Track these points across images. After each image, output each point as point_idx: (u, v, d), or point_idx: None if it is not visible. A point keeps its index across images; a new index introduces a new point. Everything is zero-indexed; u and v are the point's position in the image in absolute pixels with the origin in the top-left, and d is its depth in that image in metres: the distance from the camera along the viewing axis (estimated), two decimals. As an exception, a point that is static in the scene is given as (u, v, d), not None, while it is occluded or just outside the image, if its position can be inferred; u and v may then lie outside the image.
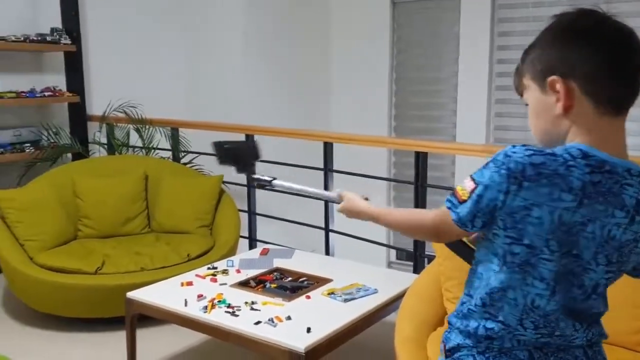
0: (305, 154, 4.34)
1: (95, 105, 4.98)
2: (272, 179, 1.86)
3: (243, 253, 3.49)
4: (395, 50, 5.75)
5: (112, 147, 4.84)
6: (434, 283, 2.65)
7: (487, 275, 1.19)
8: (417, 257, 3.57)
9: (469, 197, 1.14)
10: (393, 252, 5.74)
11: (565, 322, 1.16)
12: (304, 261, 3.27)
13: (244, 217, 4.40)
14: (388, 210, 1.47)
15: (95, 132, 4.88)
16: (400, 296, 2.72)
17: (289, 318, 2.51)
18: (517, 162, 1.07)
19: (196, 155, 4.82)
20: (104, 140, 4.90)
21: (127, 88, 5.00)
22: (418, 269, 3.51)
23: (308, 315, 2.55)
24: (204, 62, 5.47)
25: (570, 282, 1.14)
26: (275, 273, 3.10)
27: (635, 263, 1.19)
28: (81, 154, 4.72)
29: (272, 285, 2.92)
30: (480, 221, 1.14)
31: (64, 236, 3.77)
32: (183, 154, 4.85)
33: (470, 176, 1.15)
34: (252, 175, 1.90)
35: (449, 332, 1.28)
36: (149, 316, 2.82)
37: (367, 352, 3.15)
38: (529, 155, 1.07)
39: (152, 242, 3.81)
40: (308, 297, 2.76)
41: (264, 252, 3.42)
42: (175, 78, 5.48)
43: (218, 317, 2.54)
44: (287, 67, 5.59)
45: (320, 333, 2.39)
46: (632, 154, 1.19)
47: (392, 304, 2.78)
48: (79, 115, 4.86)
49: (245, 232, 4.41)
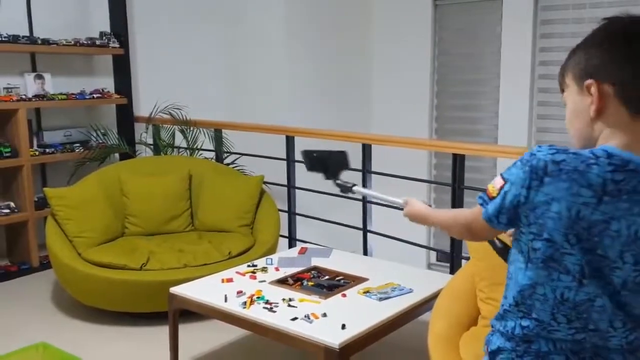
0: (350, 156, 4.39)
1: (142, 107, 5.14)
2: (353, 185, 2.02)
3: (282, 252, 3.57)
4: (437, 51, 5.77)
5: (157, 147, 4.99)
6: (468, 283, 2.68)
7: (516, 274, 1.23)
8: (454, 258, 3.59)
9: (497, 194, 1.19)
10: (433, 254, 5.75)
11: (599, 314, 1.17)
12: (341, 260, 3.33)
13: (284, 217, 4.49)
14: (436, 211, 1.58)
15: (142, 133, 5.04)
16: (435, 296, 2.75)
17: (324, 315, 2.58)
18: (539, 159, 1.12)
19: (238, 156, 4.93)
20: (150, 141, 5.05)
21: (173, 90, 5.15)
22: (454, 270, 3.53)
23: (343, 313, 2.61)
24: (246, 65, 5.58)
25: (598, 278, 1.16)
26: (312, 271, 3.17)
27: None
28: (128, 154, 4.88)
29: (309, 283, 2.98)
30: (505, 217, 1.19)
31: (111, 233, 3.92)
32: (226, 155, 4.96)
33: (501, 174, 1.21)
34: (337, 181, 2.07)
35: (491, 335, 1.32)
36: (191, 311, 2.92)
37: (401, 349, 3.19)
38: (552, 154, 1.12)
39: (195, 240, 3.92)
40: (344, 295, 2.82)
41: (303, 251, 3.50)
42: (219, 80, 5.61)
43: (256, 313, 2.62)
44: (329, 69, 5.66)
45: (355, 330, 2.44)
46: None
47: (426, 304, 2.81)
48: (126, 117, 5.04)
49: (285, 232, 4.50)
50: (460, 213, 1.37)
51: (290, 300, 2.74)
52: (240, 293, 2.82)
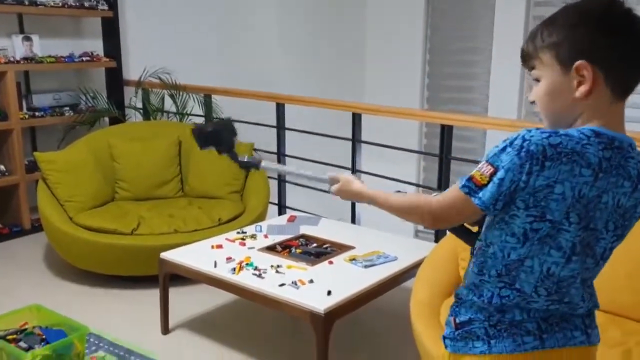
0: (339, 124, 4.42)
1: (132, 71, 5.12)
2: (259, 161, 1.87)
3: (271, 219, 3.63)
4: (430, 19, 5.76)
5: (147, 112, 5.00)
6: (450, 253, 2.76)
7: (505, 253, 1.24)
8: (439, 230, 3.66)
9: (489, 181, 1.17)
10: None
11: (577, 289, 1.26)
12: (329, 229, 3.40)
13: (274, 184, 4.54)
14: (387, 194, 1.46)
15: (131, 97, 5.04)
16: (418, 264, 2.83)
17: (311, 281, 2.65)
18: (536, 144, 1.13)
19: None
20: (139, 105, 5.05)
21: (163, 54, 5.13)
22: (439, 239, 3.61)
23: (329, 279, 2.68)
24: (238, 31, 5.56)
25: (585, 253, 1.23)
26: (300, 239, 3.24)
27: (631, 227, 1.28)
28: (118, 118, 4.89)
29: (297, 251, 3.06)
30: (502, 203, 1.18)
31: (102, 198, 3.96)
32: (216, 120, 4.98)
33: (487, 161, 1.20)
34: (239, 159, 1.87)
35: (457, 306, 1.34)
36: (181, 276, 2.99)
37: (384, 314, 3.29)
38: (547, 137, 1.13)
39: (185, 205, 3.98)
40: (330, 263, 2.89)
41: (291, 219, 3.56)
42: (210, 45, 5.58)
43: (245, 279, 2.69)
44: (321, 36, 5.65)
45: (340, 296, 2.52)
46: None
47: (410, 271, 2.89)
48: (115, 80, 5.02)
49: (275, 199, 4.56)
50: (424, 198, 1.32)
51: (278, 266, 2.81)
52: (229, 259, 2.89)
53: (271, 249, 3.07)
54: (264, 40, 5.39)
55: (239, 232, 3.31)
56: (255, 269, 2.78)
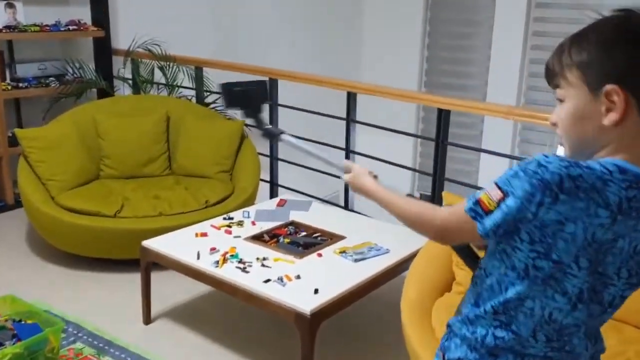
0: (336, 103, 4.26)
1: (121, 40, 4.93)
2: (282, 132, 1.74)
3: (260, 203, 3.50)
4: (430, 2, 5.54)
5: (136, 83, 4.83)
6: (445, 247, 2.63)
7: (503, 287, 1.13)
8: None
9: (496, 207, 1.05)
10: (418, 195, 5.73)
11: (579, 339, 1.14)
12: (320, 215, 3.27)
13: (266, 161, 4.41)
14: (395, 198, 1.33)
15: (120, 68, 4.86)
16: (411, 257, 2.71)
17: (298, 277, 2.54)
18: (553, 173, 0.99)
19: (219, 95, 4.78)
20: (128, 76, 4.88)
21: (153, 24, 4.93)
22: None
23: (317, 275, 2.57)
24: (231, 2, 5.34)
25: (591, 299, 1.10)
26: (290, 227, 3.11)
27: None
28: (105, 90, 4.72)
29: (286, 240, 2.93)
30: (503, 230, 1.07)
31: (86, 176, 3.82)
32: (207, 94, 4.81)
33: (496, 184, 1.06)
34: (263, 125, 1.75)
35: (448, 340, 1.24)
36: (164, 263, 2.87)
37: (375, 311, 3.18)
38: (566, 167, 0.99)
39: (172, 185, 3.84)
40: (319, 255, 2.77)
41: (281, 204, 3.43)
42: (202, 16, 5.37)
43: (228, 273, 2.57)
44: (318, 12, 5.44)
45: (327, 295, 2.41)
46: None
47: (403, 264, 2.78)
48: (103, 50, 4.82)
49: (267, 177, 4.42)
50: (433, 215, 1.20)
51: (264, 259, 2.69)
52: (213, 250, 2.76)
53: (258, 238, 2.95)
54: (259, 13, 5.19)
55: (225, 218, 3.18)
56: (240, 261, 2.66)
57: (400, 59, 5.60)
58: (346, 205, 4.16)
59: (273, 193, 4.49)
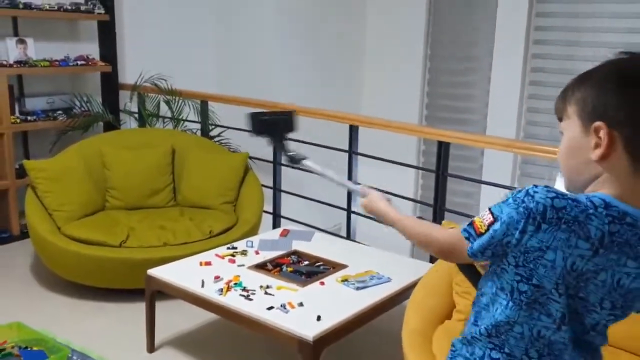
0: (337, 135, 4.34)
1: (127, 75, 5.05)
2: (304, 158, 1.85)
3: (263, 233, 3.55)
4: (430, 39, 5.68)
5: (142, 117, 4.92)
6: (445, 276, 2.68)
7: (493, 307, 1.20)
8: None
9: (486, 231, 1.13)
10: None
11: (570, 356, 1.18)
12: (322, 244, 3.32)
13: (269, 192, 4.47)
14: (406, 219, 1.43)
15: (126, 102, 4.96)
16: (412, 285, 2.75)
17: (301, 304, 2.57)
18: (538, 203, 1.06)
19: (224, 129, 4.87)
20: (134, 109, 4.98)
21: (159, 59, 5.06)
22: (434, 259, 3.53)
23: (320, 302, 2.60)
24: (235, 37, 5.48)
25: (573, 319, 1.15)
26: (292, 256, 3.15)
27: None
28: (112, 123, 4.81)
29: (289, 269, 2.98)
30: (490, 252, 1.14)
31: (92, 207, 3.88)
32: (211, 127, 4.90)
33: (489, 209, 1.15)
34: (286, 152, 1.89)
35: (452, 358, 1.30)
36: (168, 292, 2.91)
37: (378, 335, 3.21)
38: (551, 198, 1.05)
39: (177, 216, 3.90)
40: (322, 284, 2.81)
41: (284, 233, 3.48)
42: (206, 51, 5.51)
43: (232, 300, 2.61)
44: (320, 49, 5.57)
45: (330, 322, 2.44)
46: None
47: (404, 293, 2.81)
48: (110, 84, 4.94)
49: (269, 208, 4.48)
50: (437, 234, 1.30)
51: (267, 287, 2.73)
52: (217, 278, 2.81)
53: (261, 267, 2.99)
54: (262, 48, 5.31)
55: (229, 248, 3.23)
56: (244, 289, 2.70)
57: (401, 94, 5.70)
58: (348, 237, 4.20)
59: (276, 224, 4.54)
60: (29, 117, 4.48)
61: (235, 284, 2.75)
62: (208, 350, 3.06)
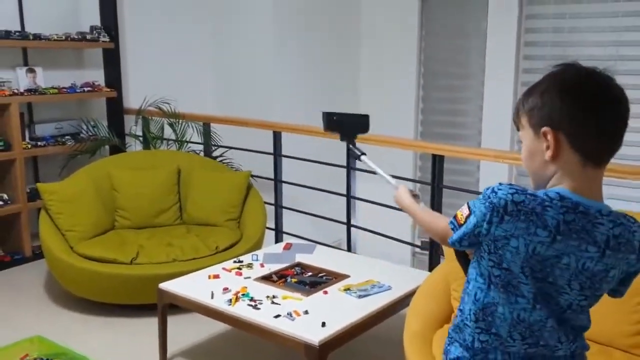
0: (334, 151, 4.50)
1: (132, 100, 5.23)
2: (362, 154, 2.11)
3: (267, 247, 3.70)
4: (423, 56, 5.86)
5: (147, 140, 5.09)
6: (443, 282, 2.83)
7: (475, 292, 1.36)
8: (432, 254, 3.74)
9: (464, 223, 1.32)
10: (417, 242, 5.91)
11: (550, 332, 1.33)
12: (324, 257, 3.47)
13: (271, 209, 4.62)
14: (418, 210, 1.68)
15: (132, 126, 5.14)
16: (412, 293, 2.90)
17: (306, 312, 2.72)
18: (500, 198, 1.24)
19: (226, 149, 5.04)
20: (139, 133, 5.15)
21: (162, 83, 5.24)
22: (433, 261, 3.69)
23: (324, 310, 2.75)
24: (235, 60, 5.67)
25: (547, 301, 1.31)
26: (296, 268, 3.30)
27: (609, 288, 1.36)
28: (118, 147, 4.98)
29: (293, 280, 3.13)
30: (467, 242, 1.33)
31: (102, 226, 4.03)
32: (214, 148, 5.07)
33: (467, 203, 1.33)
34: (350, 145, 2.19)
35: (449, 345, 1.46)
36: (179, 305, 3.05)
37: (380, 343, 3.35)
38: (512, 194, 1.23)
39: (183, 233, 4.05)
40: (325, 293, 2.96)
41: (287, 247, 3.63)
42: (207, 75, 5.70)
43: (241, 310, 2.76)
44: (316, 67, 5.75)
45: (334, 327, 2.59)
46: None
47: (404, 300, 2.96)
48: (116, 109, 5.12)
49: (271, 224, 4.63)
50: (437, 222, 1.50)
51: (274, 297, 2.88)
52: (226, 290, 2.96)
53: (267, 278, 3.14)
54: (260, 69, 5.50)
55: (235, 261, 3.38)
56: (251, 299, 2.85)
57: (396, 111, 5.86)
58: (349, 250, 4.35)
59: (278, 240, 4.68)
60: (39, 143, 4.64)
61: (243, 294, 2.90)
62: (218, 360, 3.20)
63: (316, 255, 3.50)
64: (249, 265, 3.31)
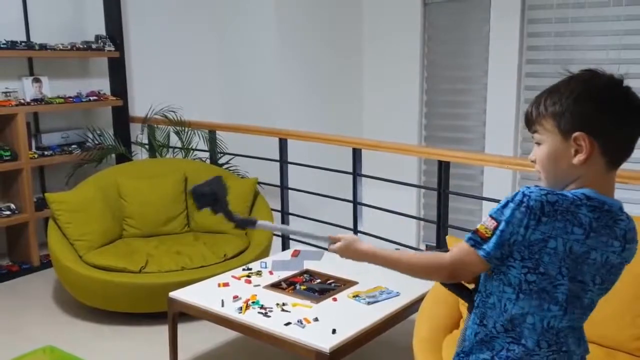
0: (340, 157, 4.53)
1: (137, 108, 5.26)
2: (256, 221, 1.80)
3: (275, 255, 3.72)
4: (426, 60, 5.88)
5: (153, 148, 5.12)
6: (451, 289, 2.84)
7: (502, 304, 1.35)
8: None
9: (492, 234, 1.29)
10: (423, 246, 5.93)
11: (572, 338, 1.36)
12: (332, 263, 3.48)
13: (278, 216, 4.64)
14: (399, 254, 1.48)
15: (138, 134, 5.16)
16: (421, 299, 2.91)
17: (316, 319, 2.74)
18: (535, 200, 1.24)
19: (232, 156, 5.06)
20: (145, 141, 5.18)
21: (167, 91, 5.27)
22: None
23: (334, 317, 2.77)
24: (240, 68, 5.69)
25: (574, 304, 1.33)
26: (305, 275, 3.32)
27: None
28: (124, 155, 5.01)
29: (302, 287, 3.14)
30: (500, 253, 1.29)
31: (110, 235, 4.05)
32: (220, 155, 5.09)
33: (490, 215, 1.31)
34: (234, 217, 1.80)
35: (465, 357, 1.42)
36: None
37: (389, 349, 3.36)
38: (545, 194, 1.24)
39: (191, 241, 4.07)
40: (335, 300, 2.98)
41: (295, 254, 3.65)
42: (213, 83, 5.72)
43: (251, 318, 2.78)
44: (321, 73, 5.77)
45: (345, 334, 2.60)
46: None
47: (413, 306, 2.97)
48: (122, 118, 5.15)
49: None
50: (441, 258, 1.38)
51: (283, 304, 2.90)
52: (236, 298, 2.97)
53: (276, 285, 3.16)
54: (264, 77, 5.52)
55: (244, 269, 3.40)
56: (262, 307, 2.87)
57: (400, 116, 5.89)
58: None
59: (285, 246, 4.70)
60: (45, 152, 4.67)
61: (253, 302, 2.92)
62: (228, 368, 3.21)
63: (324, 262, 3.51)
64: (258, 273, 3.33)
